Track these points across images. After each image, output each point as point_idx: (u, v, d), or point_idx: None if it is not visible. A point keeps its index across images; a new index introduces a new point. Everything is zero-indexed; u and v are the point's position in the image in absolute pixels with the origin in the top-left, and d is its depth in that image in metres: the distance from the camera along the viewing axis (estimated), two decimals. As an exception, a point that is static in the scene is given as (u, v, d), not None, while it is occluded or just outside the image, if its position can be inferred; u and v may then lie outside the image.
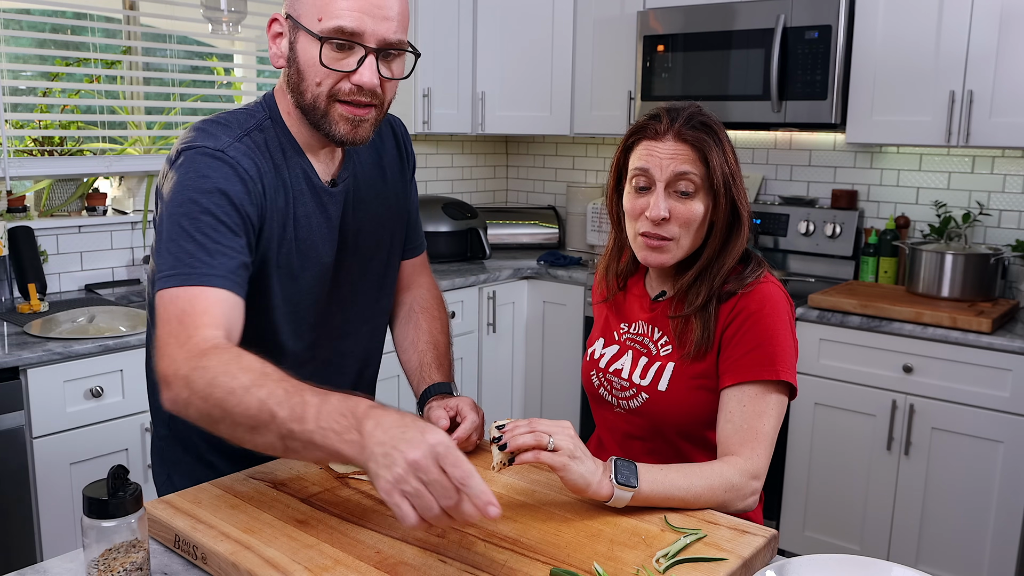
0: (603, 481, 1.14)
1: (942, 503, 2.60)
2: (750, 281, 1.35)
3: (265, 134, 1.27)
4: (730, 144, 1.36)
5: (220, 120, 1.26)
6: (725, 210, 1.35)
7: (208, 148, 1.20)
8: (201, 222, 1.16)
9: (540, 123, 3.67)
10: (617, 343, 1.47)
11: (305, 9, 1.19)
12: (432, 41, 3.38)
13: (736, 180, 1.34)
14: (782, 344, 1.32)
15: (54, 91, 2.91)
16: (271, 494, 1.21)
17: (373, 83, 1.20)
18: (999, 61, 2.61)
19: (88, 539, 0.96)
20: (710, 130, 1.33)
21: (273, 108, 1.29)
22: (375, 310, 1.49)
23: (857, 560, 1.05)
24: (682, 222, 1.33)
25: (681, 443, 1.40)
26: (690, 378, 1.36)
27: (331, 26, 1.17)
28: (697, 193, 1.33)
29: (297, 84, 1.22)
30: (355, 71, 1.19)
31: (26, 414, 2.14)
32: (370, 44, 1.18)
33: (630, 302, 1.49)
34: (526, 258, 3.69)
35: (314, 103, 1.22)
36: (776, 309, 1.33)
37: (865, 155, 3.24)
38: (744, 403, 1.30)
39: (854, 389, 2.72)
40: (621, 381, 1.43)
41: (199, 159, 1.19)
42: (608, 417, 1.48)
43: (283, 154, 1.28)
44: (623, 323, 1.48)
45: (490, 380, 3.48)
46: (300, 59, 1.21)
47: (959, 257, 2.74)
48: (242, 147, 1.22)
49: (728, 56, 3.08)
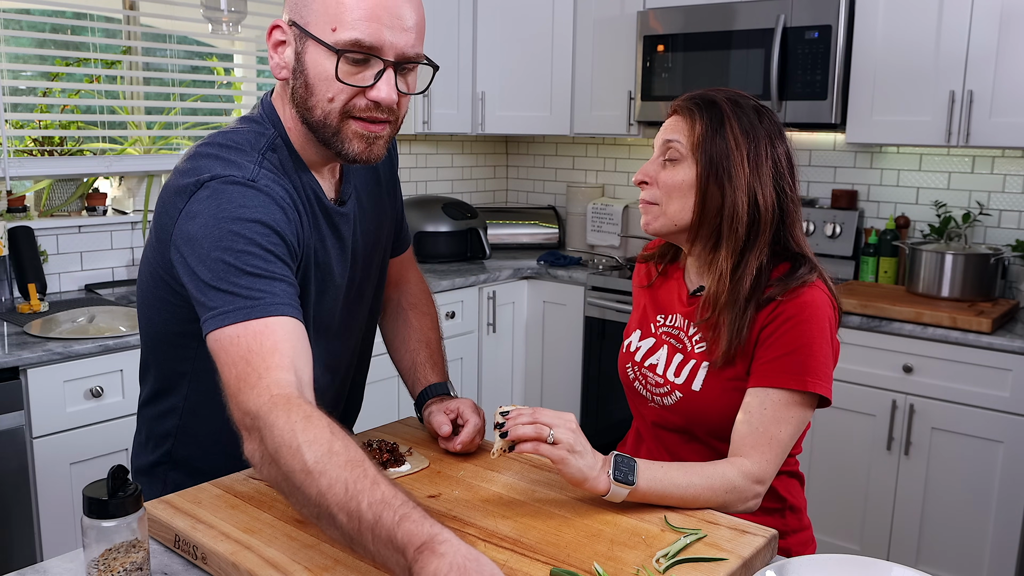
0: (600, 476, 1.14)
1: (942, 503, 2.60)
2: (795, 286, 1.29)
3: (278, 154, 1.18)
4: (740, 122, 1.30)
5: (229, 143, 1.15)
6: (712, 184, 1.29)
7: (236, 177, 1.10)
8: (250, 254, 1.05)
9: (540, 123, 3.67)
10: (653, 336, 1.45)
11: (315, 17, 1.09)
12: (432, 41, 3.38)
13: (731, 156, 1.28)
14: (816, 353, 1.27)
15: (54, 91, 2.91)
16: (271, 494, 1.21)
17: (392, 99, 1.12)
18: (999, 61, 2.61)
19: (88, 539, 0.96)
20: (708, 101, 1.31)
21: (278, 123, 1.20)
22: (373, 311, 1.46)
23: (857, 560, 1.05)
24: (663, 187, 1.33)
25: (714, 442, 1.37)
26: (726, 380, 1.33)
27: (347, 38, 1.07)
28: (682, 160, 1.31)
29: (305, 99, 1.13)
30: (372, 86, 1.10)
31: (26, 414, 2.14)
32: (388, 57, 1.10)
33: (668, 292, 1.46)
34: (526, 258, 3.69)
35: (325, 120, 1.13)
36: (816, 315, 1.28)
37: (865, 155, 3.24)
38: (766, 406, 1.27)
39: (854, 389, 2.72)
40: (656, 377, 1.41)
41: (229, 189, 1.09)
42: (644, 411, 1.46)
43: (299, 175, 1.20)
44: (660, 315, 1.45)
45: (490, 380, 3.48)
46: (310, 72, 1.11)
47: (959, 257, 2.74)
48: (267, 172, 1.14)
49: (728, 56, 3.08)
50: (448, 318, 3.22)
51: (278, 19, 1.16)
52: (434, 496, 1.22)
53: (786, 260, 1.34)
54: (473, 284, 3.29)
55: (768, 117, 1.33)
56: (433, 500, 1.20)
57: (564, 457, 1.13)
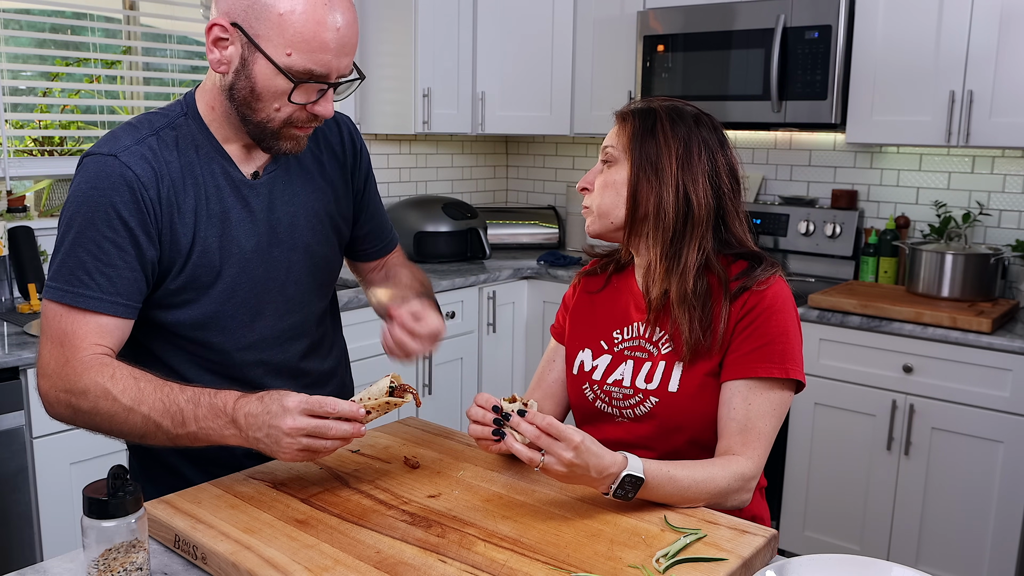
0: (599, 487, 1.15)
1: (942, 503, 2.60)
2: (761, 278, 1.34)
3: (178, 131, 1.28)
4: (675, 125, 1.34)
5: (133, 122, 1.28)
6: (643, 180, 1.32)
7: (103, 153, 1.22)
8: (89, 238, 1.20)
9: (540, 123, 3.67)
10: (609, 353, 1.43)
11: (269, 34, 1.17)
12: (432, 41, 3.38)
13: (661, 156, 1.32)
14: (792, 340, 1.32)
15: (54, 91, 2.91)
16: (271, 494, 1.21)
17: (331, 114, 1.25)
18: (999, 61, 2.61)
19: (88, 539, 0.96)
20: (647, 111, 1.37)
21: (191, 106, 1.30)
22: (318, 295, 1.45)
23: (857, 560, 1.05)
24: (598, 187, 1.38)
25: (690, 451, 1.36)
26: (703, 375, 1.34)
27: (302, 68, 1.18)
28: (616, 163, 1.37)
29: (249, 102, 1.22)
30: (315, 102, 1.22)
31: (26, 414, 2.14)
32: (332, 80, 1.22)
33: (620, 304, 1.45)
34: (526, 258, 3.69)
35: (266, 123, 1.24)
36: (788, 305, 1.34)
37: (865, 155, 3.24)
38: (750, 400, 1.29)
39: (854, 389, 2.72)
40: (623, 390, 1.39)
41: (91, 167, 1.22)
42: (607, 430, 1.42)
43: (196, 151, 1.28)
44: (615, 330, 1.43)
45: (490, 380, 3.48)
46: (258, 83, 1.20)
47: (959, 257, 2.74)
48: (141, 149, 1.23)
49: (728, 56, 3.08)
50: (448, 318, 3.22)
51: (217, 18, 1.20)
52: (434, 496, 1.22)
53: (743, 259, 1.38)
54: (473, 284, 3.29)
55: (708, 124, 1.37)
56: (433, 500, 1.21)
57: (555, 476, 1.13)
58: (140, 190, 1.22)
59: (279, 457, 1.13)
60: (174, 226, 1.25)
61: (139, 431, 1.17)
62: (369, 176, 1.52)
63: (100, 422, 1.19)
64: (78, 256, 1.20)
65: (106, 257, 1.21)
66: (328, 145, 1.44)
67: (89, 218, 1.20)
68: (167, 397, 1.16)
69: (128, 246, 1.22)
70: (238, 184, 1.31)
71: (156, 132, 1.26)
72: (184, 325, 1.31)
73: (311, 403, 1.11)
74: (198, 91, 1.31)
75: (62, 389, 1.19)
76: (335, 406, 1.12)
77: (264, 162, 1.34)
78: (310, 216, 1.39)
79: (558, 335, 1.55)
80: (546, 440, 1.11)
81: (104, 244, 1.20)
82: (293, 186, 1.37)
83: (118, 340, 1.24)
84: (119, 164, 1.21)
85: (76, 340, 1.20)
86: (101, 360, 1.19)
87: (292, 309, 1.40)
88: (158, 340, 1.33)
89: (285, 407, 1.11)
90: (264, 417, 1.11)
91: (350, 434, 1.13)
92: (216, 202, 1.29)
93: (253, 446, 1.14)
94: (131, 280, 1.22)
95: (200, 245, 1.27)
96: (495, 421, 1.16)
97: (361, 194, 1.50)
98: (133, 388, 1.17)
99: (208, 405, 1.15)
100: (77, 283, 1.20)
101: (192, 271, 1.28)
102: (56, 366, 1.20)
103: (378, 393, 1.19)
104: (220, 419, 1.14)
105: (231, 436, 1.14)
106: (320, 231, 1.42)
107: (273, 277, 1.36)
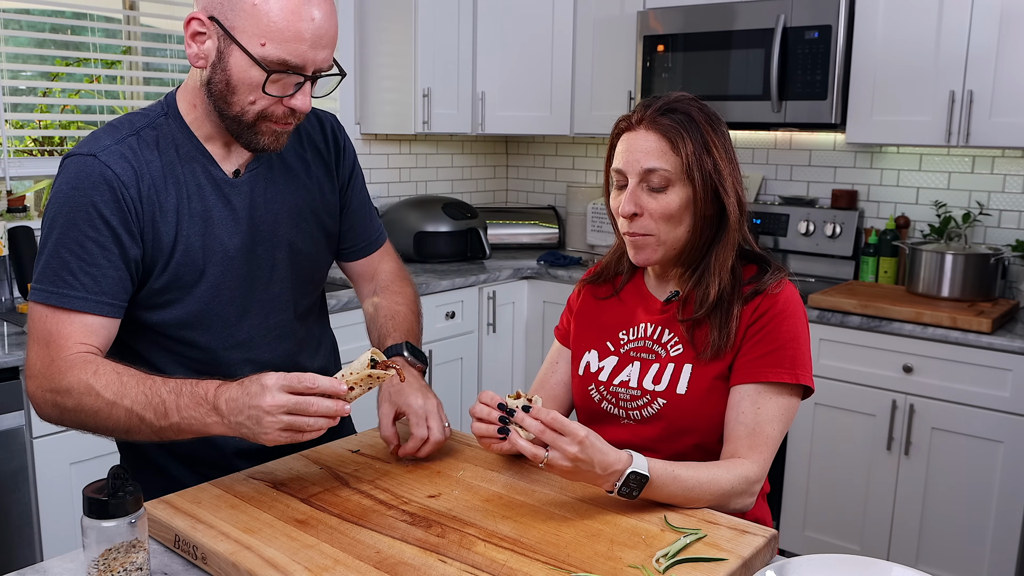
0: (604, 485, 1.15)
1: (942, 503, 2.60)
2: (772, 283, 1.33)
3: (158, 131, 1.28)
4: (715, 131, 1.31)
5: (114, 123, 1.28)
6: (709, 200, 1.30)
7: (82, 154, 1.22)
8: (72, 239, 1.20)
9: (540, 123, 3.67)
10: (616, 354, 1.42)
11: (243, 25, 1.16)
12: (432, 41, 3.38)
13: (720, 169, 1.29)
14: (803, 346, 1.32)
15: (54, 91, 2.91)
16: (271, 494, 1.21)
17: (308, 108, 1.23)
18: (999, 61, 2.61)
19: (88, 539, 0.96)
20: (684, 116, 1.29)
21: (172, 105, 1.30)
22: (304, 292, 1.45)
23: (857, 560, 1.05)
24: (657, 216, 1.30)
25: (695, 455, 1.35)
26: (712, 378, 1.33)
27: (275, 57, 1.16)
28: (671, 186, 1.29)
29: (225, 95, 1.21)
30: (292, 95, 1.21)
31: (26, 414, 2.14)
32: (308, 73, 1.20)
33: (628, 307, 1.45)
34: (526, 258, 3.69)
35: (241, 116, 1.23)
36: (798, 310, 1.33)
37: (865, 155, 3.24)
38: (759, 404, 1.29)
39: (854, 389, 2.72)
40: (630, 391, 1.38)
41: (71, 167, 1.22)
42: (613, 432, 1.40)
43: (177, 150, 1.28)
44: (622, 331, 1.43)
45: (490, 380, 3.48)
46: (233, 75, 1.19)
47: (959, 257, 2.74)
48: (121, 149, 1.23)
49: (728, 56, 3.08)
50: (448, 318, 3.22)
51: (195, 12, 1.20)
52: (434, 496, 1.22)
53: (751, 261, 1.37)
54: (473, 284, 3.29)
55: (718, 115, 1.34)
56: (433, 500, 1.21)
57: (559, 472, 1.13)
58: (120, 189, 1.22)
59: (263, 441, 1.10)
60: (156, 225, 1.25)
61: (123, 426, 1.16)
62: (354, 173, 1.51)
63: (86, 419, 1.19)
64: (62, 257, 1.20)
65: (90, 257, 1.21)
66: (312, 143, 1.44)
67: (71, 219, 1.20)
68: (149, 389, 1.15)
69: (111, 245, 1.22)
70: (219, 183, 1.31)
71: (136, 132, 1.26)
72: (170, 325, 1.31)
73: (290, 379, 1.09)
74: (179, 91, 1.31)
75: (48, 389, 1.19)
76: (315, 381, 1.09)
77: (246, 160, 1.34)
78: (294, 214, 1.39)
79: (562, 338, 1.55)
80: (551, 435, 1.10)
81: (87, 244, 1.20)
82: (276, 184, 1.37)
83: (105, 339, 1.24)
84: (99, 164, 1.21)
85: (61, 340, 1.20)
86: (85, 358, 1.19)
87: (278, 307, 1.40)
88: (144, 341, 1.33)
89: (264, 385, 1.09)
90: (244, 399, 1.10)
91: (333, 411, 1.11)
92: (198, 201, 1.29)
93: (236, 433, 1.12)
94: (116, 279, 1.22)
95: (183, 244, 1.27)
96: (500, 419, 1.16)
97: (345, 189, 1.49)
98: (115, 382, 1.16)
99: (190, 394, 1.13)
100: (62, 284, 1.20)
101: (175, 270, 1.28)
102: (41, 366, 1.20)
103: (360, 368, 1.16)
104: (202, 407, 1.12)
105: (214, 424, 1.13)
106: (304, 229, 1.41)
107: (257, 275, 1.36)
